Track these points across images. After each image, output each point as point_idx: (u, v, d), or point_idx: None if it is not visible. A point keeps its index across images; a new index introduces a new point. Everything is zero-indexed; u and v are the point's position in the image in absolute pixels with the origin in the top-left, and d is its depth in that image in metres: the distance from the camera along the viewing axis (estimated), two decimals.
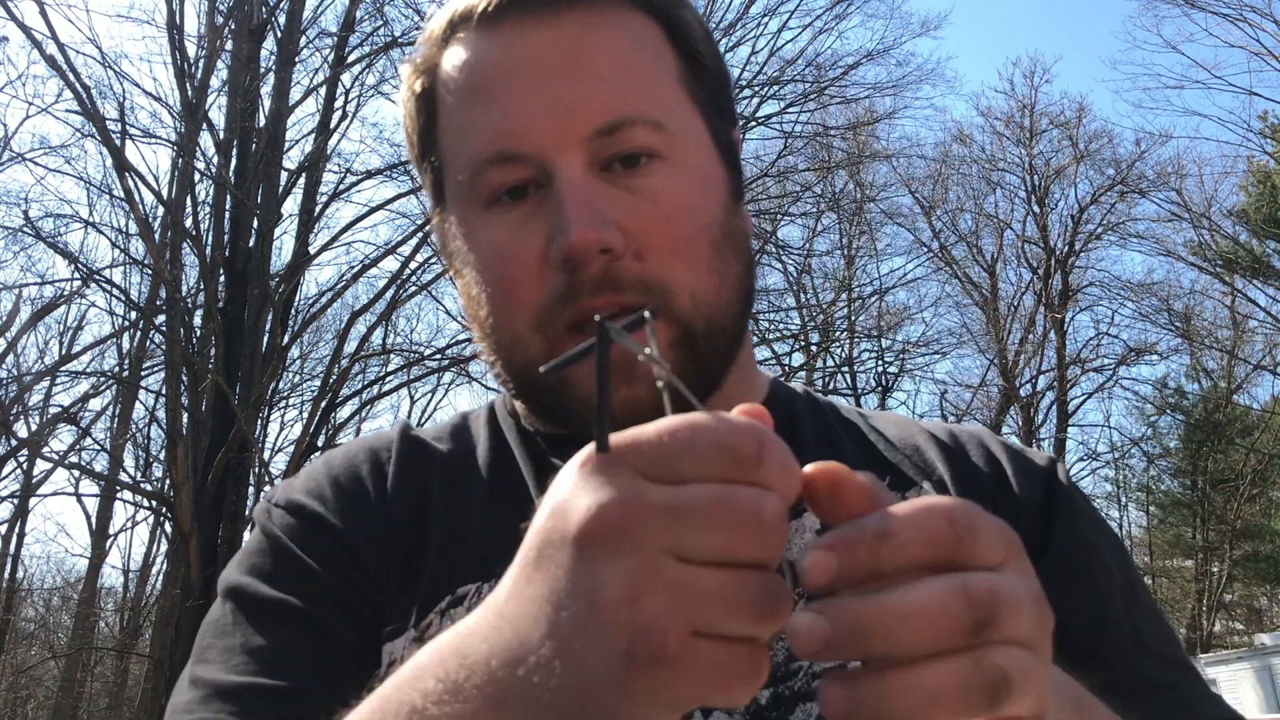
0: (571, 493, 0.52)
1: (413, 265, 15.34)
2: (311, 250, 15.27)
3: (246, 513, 13.87)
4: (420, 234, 14.94)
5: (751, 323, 1.15)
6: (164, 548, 19.98)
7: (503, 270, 0.93)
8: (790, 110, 18.68)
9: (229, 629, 0.90)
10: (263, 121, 15.31)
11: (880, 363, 22.54)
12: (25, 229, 14.67)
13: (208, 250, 14.58)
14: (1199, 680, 0.93)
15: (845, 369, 21.74)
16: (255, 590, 0.92)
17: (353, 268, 16.02)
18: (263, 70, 15.40)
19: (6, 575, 20.32)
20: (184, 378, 14.29)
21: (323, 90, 15.81)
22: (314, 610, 0.90)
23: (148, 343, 17.37)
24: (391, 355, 17.45)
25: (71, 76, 13.82)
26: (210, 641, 0.91)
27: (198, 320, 14.83)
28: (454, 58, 0.96)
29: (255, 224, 14.85)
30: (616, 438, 0.52)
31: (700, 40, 1.00)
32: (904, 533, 0.51)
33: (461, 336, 16.43)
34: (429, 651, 0.59)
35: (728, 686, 0.50)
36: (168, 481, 15.00)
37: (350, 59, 15.69)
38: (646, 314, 0.56)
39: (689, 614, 0.49)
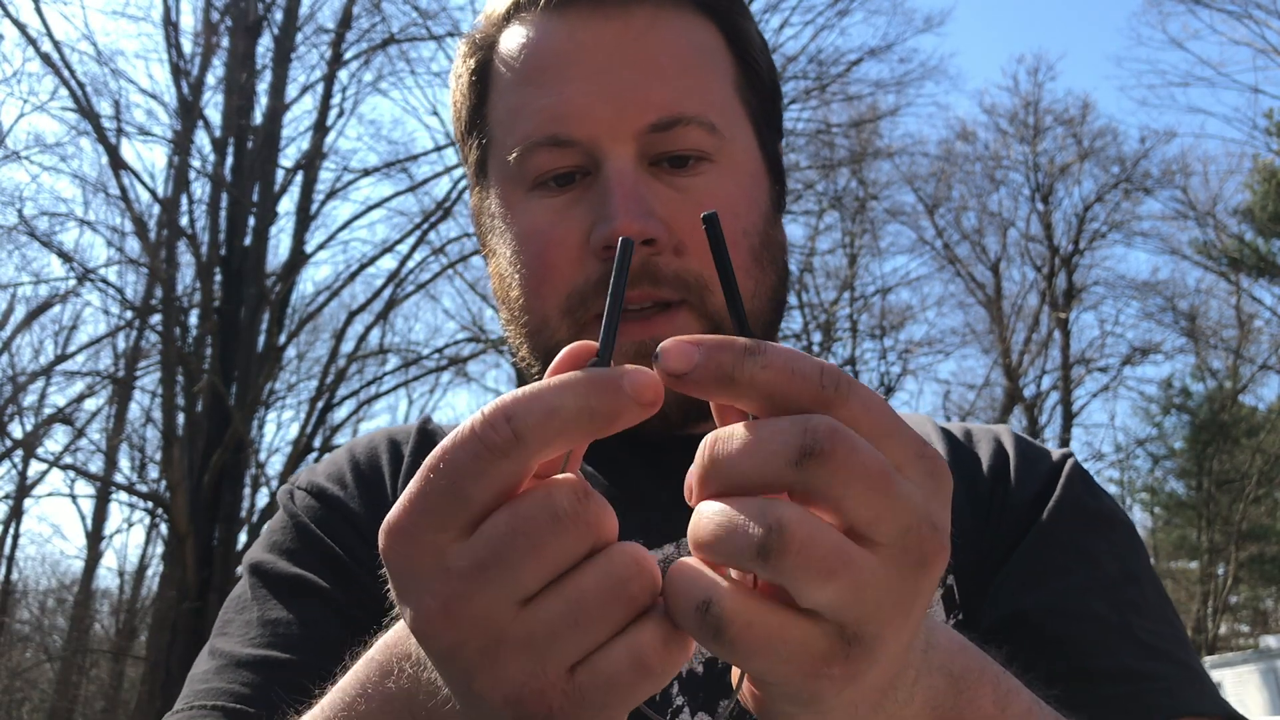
0: (398, 599, 0.51)
1: (410, 264, 15.29)
2: (308, 249, 15.23)
3: (242, 514, 13.78)
4: (418, 232, 14.85)
5: None
6: (160, 549, 19.94)
7: (540, 252, 0.94)
8: (792, 107, 18.54)
9: (249, 603, 0.95)
10: (259, 119, 15.24)
11: (883, 362, 22.50)
12: (20, 227, 14.68)
13: (203, 249, 14.53)
14: (1194, 676, 0.90)
15: (848, 369, 21.59)
16: (275, 566, 0.96)
17: (350, 266, 16.03)
18: (259, 67, 15.35)
19: (1, 577, 20.20)
20: (180, 378, 14.21)
21: (320, 87, 15.78)
22: (330, 587, 0.93)
23: (143, 342, 17.30)
24: (389, 355, 17.41)
25: (67, 74, 13.78)
26: (231, 616, 0.96)
27: (193, 320, 14.79)
28: (515, 38, 0.97)
29: (251, 222, 14.77)
30: (398, 507, 0.50)
31: (759, 51, 1.02)
32: (773, 354, 0.49)
33: (459, 336, 16.38)
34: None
35: (633, 689, 0.47)
36: (163, 482, 14.92)
37: (347, 56, 15.67)
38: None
39: (554, 657, 0.47)
